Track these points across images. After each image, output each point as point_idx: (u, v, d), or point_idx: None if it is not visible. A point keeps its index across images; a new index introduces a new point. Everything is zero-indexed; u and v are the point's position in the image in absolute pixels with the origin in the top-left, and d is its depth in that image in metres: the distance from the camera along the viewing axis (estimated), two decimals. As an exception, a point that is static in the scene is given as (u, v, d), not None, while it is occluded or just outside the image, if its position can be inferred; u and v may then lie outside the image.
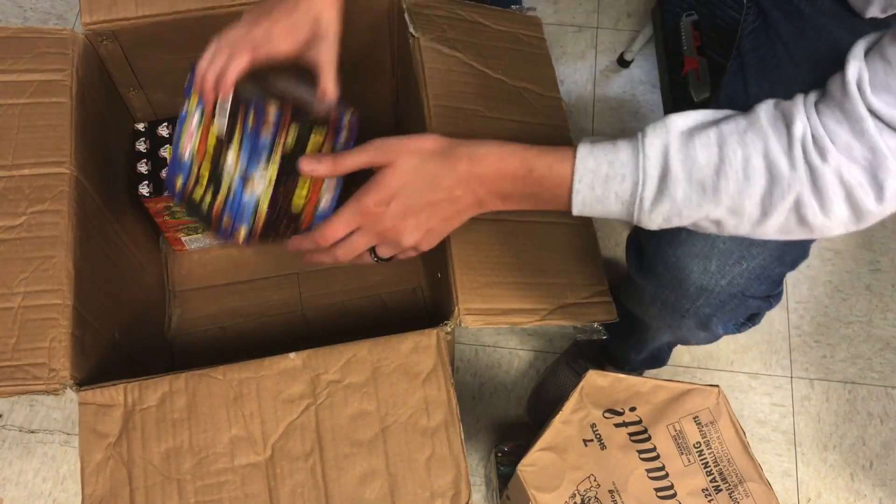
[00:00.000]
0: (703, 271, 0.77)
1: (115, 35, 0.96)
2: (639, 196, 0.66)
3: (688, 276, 0.79)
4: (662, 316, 0.88)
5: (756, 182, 0.63)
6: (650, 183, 0.65)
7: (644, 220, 0.67)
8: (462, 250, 0.86)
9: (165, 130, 1.11)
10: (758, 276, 0.78)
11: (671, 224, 0.67)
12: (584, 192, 0.67)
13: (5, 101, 0.89)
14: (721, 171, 0.64)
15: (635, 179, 0.66)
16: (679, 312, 0.84)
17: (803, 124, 0.62)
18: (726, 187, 0.64)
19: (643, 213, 0.66)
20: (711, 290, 0.79)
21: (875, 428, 1.30)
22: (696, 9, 1.28)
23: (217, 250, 1.23)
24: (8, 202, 0.84)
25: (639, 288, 0.89)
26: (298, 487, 0.76)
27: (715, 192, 0.64)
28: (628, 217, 0.68)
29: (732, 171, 0.64)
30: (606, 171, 0.66)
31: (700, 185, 0.64)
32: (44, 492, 1.20)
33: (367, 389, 0.79)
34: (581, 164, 0.67)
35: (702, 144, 0.65)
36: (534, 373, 1.32)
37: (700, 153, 0.64)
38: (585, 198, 0.68)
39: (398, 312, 1.20)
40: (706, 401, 0.90)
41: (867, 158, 0.61)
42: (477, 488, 1.22)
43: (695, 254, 0.77)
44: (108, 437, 0.76)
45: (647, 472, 0.86)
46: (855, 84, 0.60)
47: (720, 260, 0.77)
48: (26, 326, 0.79)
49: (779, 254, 0.78)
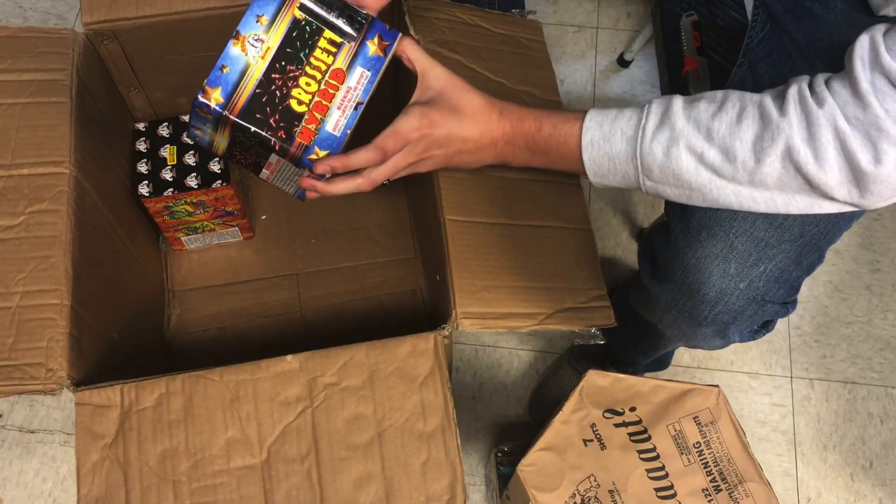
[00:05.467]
0: (723, 274, 0.76)
1: (115, 35, 0.96)
2: (641, 127, 0.71)
3: (707, 279, 0.77)
4: (678, 324, 0.86)
5: (747, 126, 0.67)
6: (652, 118, 0.71)
7: (645, 154, 0.71)
8: (460, 254, 0.86)
9: (165, 130, 1.11)
10: (776, 280, 0.77)
11: (670, 161, 0.70)
12: (592, 130, 0.74)
13: (5, 100, 0.89)
14: (716, 116, 0.68)
15: (640, 117, 0.72)
16: (696, 320, 0.82)
17: (804, 81, 0.66)
18: (719, 128, 0.68)
19: (644, 143, 0.71)
20: (730, 295, 0.77)
21: (875, 428, 1.30)
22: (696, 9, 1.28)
23: (216, 250, 1.23)
24: (7, 202, 0.84)
25: (653, 296, 0.88)
26: (294, 490, 0.76)
27: (708, 131, 0.68)
28: (631, 158, 0.72)
29: (727, 117, 0.68)
30: (615, 115, 0.74)
31: (696, 123, 0.69)
32: (44, 492, 1.20)
33: (364, 393, 0.78)
34: (592, 111, 0.75)
35: (706, 100, 0.70)
36: (534, 373, 1.32)
37: (702, 104, 0.70)
38: (594, 136, 0.74)
39: (397, 314, 1.20)
40: (706, 401, 0.90)
41: (859, 119, 0.62)
42: (477, 488, 1.22)
43: (714, 255, 0.76)
44: (105, 437, 0.76)
45: (647, 472, 0.86)
46: (867, 48, 0.63)
47: (739, 262, 0.76)
48: (24, 326, 0.79)
49: (796, 256, 0.77)
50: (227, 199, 1.11)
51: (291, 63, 0.74)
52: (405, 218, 1.27)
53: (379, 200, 1.28)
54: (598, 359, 1.24)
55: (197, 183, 1.07)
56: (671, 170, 0.70)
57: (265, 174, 0.82)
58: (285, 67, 0.74)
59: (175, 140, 1.11)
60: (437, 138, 0.77)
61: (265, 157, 0.77)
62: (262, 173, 0.83)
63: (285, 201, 1.28)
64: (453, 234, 0.87)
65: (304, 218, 1.27)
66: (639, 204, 1.46)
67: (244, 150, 0.78)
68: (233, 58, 0.73)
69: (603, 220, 1.44)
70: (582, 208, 0.95)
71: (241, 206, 1.14)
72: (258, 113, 0.73)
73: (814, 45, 0.82)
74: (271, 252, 1.24)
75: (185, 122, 1.12)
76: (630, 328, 1.04)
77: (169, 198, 1.07)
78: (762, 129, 0.66)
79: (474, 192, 0.90)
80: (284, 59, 0.74)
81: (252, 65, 0.73)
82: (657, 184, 0.73)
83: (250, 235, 1.24)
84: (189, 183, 1.07)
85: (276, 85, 0.73)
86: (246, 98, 0.73)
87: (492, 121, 0.78)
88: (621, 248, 1.42)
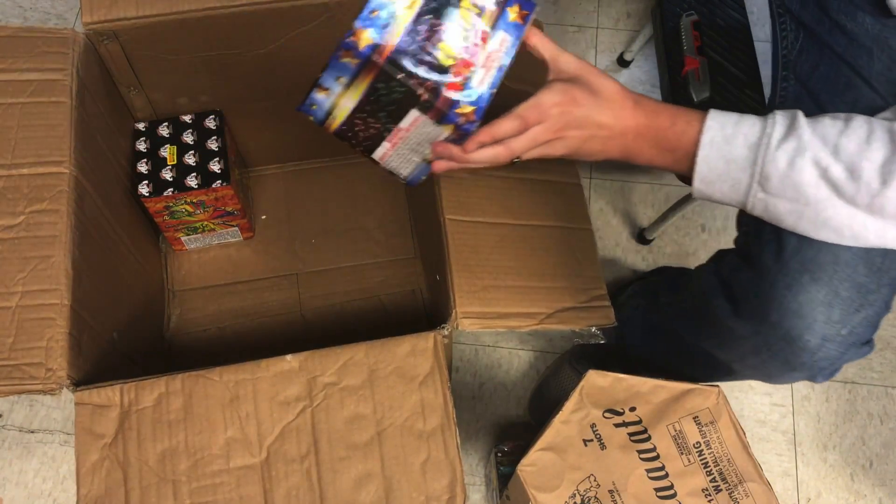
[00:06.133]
0: (827, 320, 0.73)
1: (115, 35, 0.96)
2: (767, 135, 0.69)
3: (810, 326, 0.73)
4: (766, 366, 0.81)
5: (877, 149, 0.65)
6: (779, 127, 0.69)
7: (768, 161, 0.69)
8: (460, 254, 0.86)
9: (165, 130, 1.11)
10: (873, 324, 0.75)
11: (793, 171, 0.68)
12: (713, 129, 0.71)
13: (5, 100, 0.89)
14: (844, 133, 0.67)
15: (764, 124, 0.69)
16: (791, 365, 0.78)
17: None
18: (847, 145, 0.66)
19: (769, 151, 0.68)
20: (832, 341, 0.74)
21: (875, 428, 1.30)
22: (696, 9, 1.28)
23: (216, 250, 1.23)
24: (7, 201, 0.84)
25: (736, 337, 0.82)
26: (293, 490, 0.76)
27: (836, 147, 0.66)
28: (750, 164, 0.70)
29: (856, 136, 0.66)
30: (737, 119, 0.71)
31: (822, 138, 0.67)
32: (44, 492, 1.20)
33: (364, 392, 0.78)
34: (714, 111, 0.72)
35: (830, 118, 0.68)
36: (534, 373, 1.31)
37: (826, 120, 0.68)
38: (714, 136, 0.71)
39: (397, 314, 1.20)
40: (706, 401, 0.90)
41: None
42: (477, 488, 1.22)
43: (818, 301, 0.73)
44: (104, 437, 0.76)
45: (647, 472, 0.86)
46: None
47: (842, 308, 0.73)
48: (24, 326, 0.79)
49: (889, 298, 0.76)
50: (227, 199, 1.11)
51: (438, 17, 0.71)
52: (405, 218, 1.27)
53: (379, 200, 1.28)
54: (600, 359, 1.24)
55: (197, 183, 1.07)
56: (792, 181, 0.68)
57: (384, 149, 0.78)
58: (429, 20, 0.71)
59: (175, 140, 1.11)
60: (576, 117, 0.74)
61: (399, 118, 0.74)
62: (379, 149, 0.78)
63: (285, 201, 1.28)
64: (453, 233, 0.87)
65: (304, 218, 1.27)
66: (639, 204, 1.46)
67: (373, 113, 0.74)
68: (383, 3, 0.70)
69: (603, 220, 1.44)
70: (582, 208, 0.95)
71: (241, 206, 1.15)
72: (404, 60, 0.70)
73: (860, 62, 0.80)
74: (271, 252, 1.24)
75: (186, 122, 1.12)
76: (673, 353, 1.01)
77: (169, 198, 1.07)
78: (892, 153, 0.64)
79: (474, 192, 0.90)
80: (430, 11, 0.71)
81: (399, 15, 0.70)
82: (770, 196, 0.70)
83: (250, 235, 1.24)
84: (189, 183, 1.07)
85: (422, 36, 0.71)
86: (395, 43, 0.70)
87: (626, 109, 0.75)
88: (621, 248, 1.42)
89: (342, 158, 1.30)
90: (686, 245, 1.42)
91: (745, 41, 1.26)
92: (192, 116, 1.13)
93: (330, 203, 1.28)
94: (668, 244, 1.42)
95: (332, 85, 0.72)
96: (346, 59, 0.69)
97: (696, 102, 1.19)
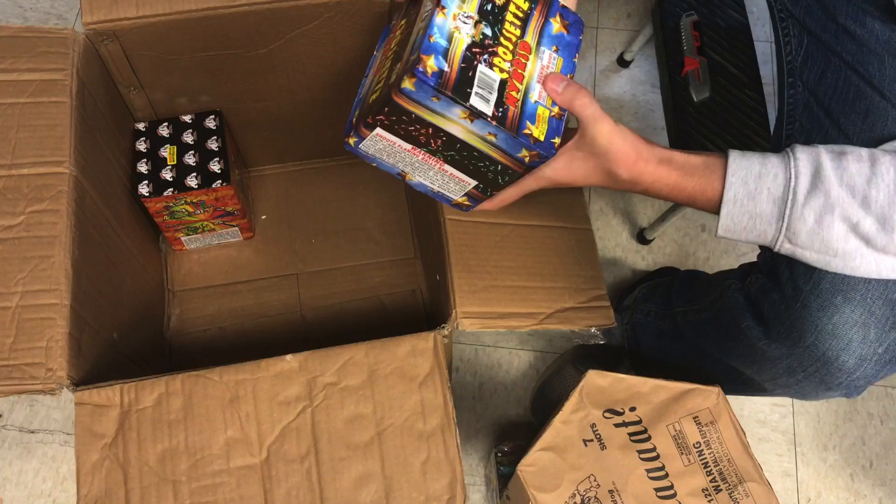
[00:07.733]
0: (863, 340, 0.72)
1: (115, 35, 0.96)
2: (791, 190, 0.67)
3: (847, 346, 0.73)
4: (800, 386, 0.80)
5: None
6: (803, 179, 0.67)
7: (795, 219, 0.67)
8: (460, 254, 0.86)
9: (165, 130, 1.11)
10: None
11: (821, 228, 0.67)
12: (736, 186, 0.69)
13: (5, 100, 0.89)
14: (872, 182, 0.65)
15: (787, 176, 0.68)
16: (827, 385, 0.77)
17: None
18: (877, 196, 0.65)
19: (796, 208, 0.67)
20: (869, 360, 0.73)
21: (875, 428, 1.30)
22: (696, 9, 1.28)
23: (216, 250, 1.23)
24: (6, 201, 0.84)
25: (768, 358, 0.82)
26: (293, 490, 0.76)
27: (864, 199, 0.65)
28: (776, 219, 0.69)
29: (884, 183, 0.64)
30: (759, 170, 0.69)
31: (850, 189, 0.65)
32: (44, 492, 1.20)
33: (364, 392, 0.78)
34: (734, 162, 0.70)
35: (853, 158, 0.66)
36: (534, 373, 1.31)
37: (852, 164, 0.66)
38: (737, 193, 0.69)
39: (397, 314, 1.20)
40: (706, 401, 0.90)
41: None
42: (477, 488, 1.22)
43: (853, 321, 0.72)
44: (104, 437, 0.76)
45: (647, 472, 0.86)
46: None
47: (878, 327, 0.72)
48: (24, 326, 0.79)
49: None
50: (227, 199, 1.11)
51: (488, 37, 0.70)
52: (405, 218, 1.27)
53: (379, 200, 1.28)
54: (602, 360, 1.24)
55: (197, 183, 1.07)
56: (821, 237, 0.68)
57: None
58: (483, 41, 0.69)
59: (175, 140, 1.11)
60: (574, 180, 0.76)
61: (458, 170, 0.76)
62: None
63: (285, 201, 1.28)
64: (453, 233, 0.87)
65: (304, 218, 1.27)
66: (639, 204, 1.46)
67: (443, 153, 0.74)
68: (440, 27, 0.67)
69: (603, 220, 1.44)
70: (582, 208, 0.95)
71: (241, 206, 1.14)
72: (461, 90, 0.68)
73: (870, 72, 0.78)
74: (271, 252, 1.24)
75: (186, 122, 1.12)
76: (693, 360, 1.00)
77: (169, 198, 1.07)
78: None
79: (474, 192, 0.90)
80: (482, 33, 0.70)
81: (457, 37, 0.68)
82: (797, 248, 0.70)
83: (250, 235, 1.24)
84: (189, 183, 1.07)
85: (477, 59, 0.69)
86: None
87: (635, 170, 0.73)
88: (621, 248, 1.42)
89: (342, 158, 1.30)
90: (686, 245, 1.42)
91: (745, 41, 1.26)
92: (192, 116, 1.13)
93: (330, 203, 1.28)
94: (668, 244, 1.42)
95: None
96: (420, 70, 0.66)
97: (697, 102, 1.19)
